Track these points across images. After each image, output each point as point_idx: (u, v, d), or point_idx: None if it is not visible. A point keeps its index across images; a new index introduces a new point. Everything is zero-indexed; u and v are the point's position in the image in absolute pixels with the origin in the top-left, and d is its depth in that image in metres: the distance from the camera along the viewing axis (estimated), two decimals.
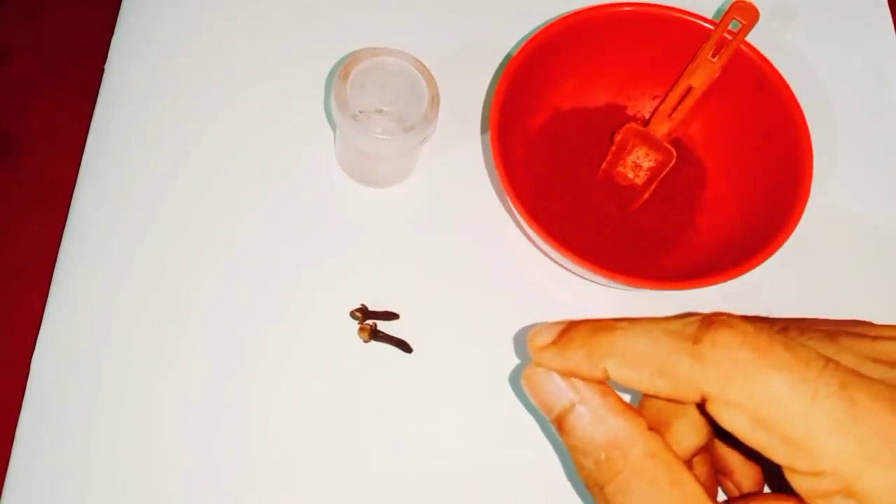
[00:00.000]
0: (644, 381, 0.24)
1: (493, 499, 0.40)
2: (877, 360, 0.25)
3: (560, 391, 0.27)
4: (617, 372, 0.25)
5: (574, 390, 0.27)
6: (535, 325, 0.29)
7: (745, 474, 0.31)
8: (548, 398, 0.27)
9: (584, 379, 0.26)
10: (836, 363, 0.22)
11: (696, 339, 0.23)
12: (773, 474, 0.25)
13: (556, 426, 0.27)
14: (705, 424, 0.28)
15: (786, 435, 0.21)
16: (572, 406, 0.26)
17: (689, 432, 0.28)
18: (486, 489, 0.40)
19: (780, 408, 0.21)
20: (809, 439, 0.21)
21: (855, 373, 0.22)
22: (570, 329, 0.27)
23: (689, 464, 0.28)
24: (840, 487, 0.21)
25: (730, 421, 0.22)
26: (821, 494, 0.21)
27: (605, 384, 0.26)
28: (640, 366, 0.24)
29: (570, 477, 0.41)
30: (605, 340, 0.26)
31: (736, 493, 0.31)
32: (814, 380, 0.21)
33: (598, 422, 0.26)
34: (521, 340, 0.43)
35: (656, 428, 0.26)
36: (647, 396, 0.28)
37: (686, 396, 0.23)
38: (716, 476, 0.31)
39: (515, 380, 0.42)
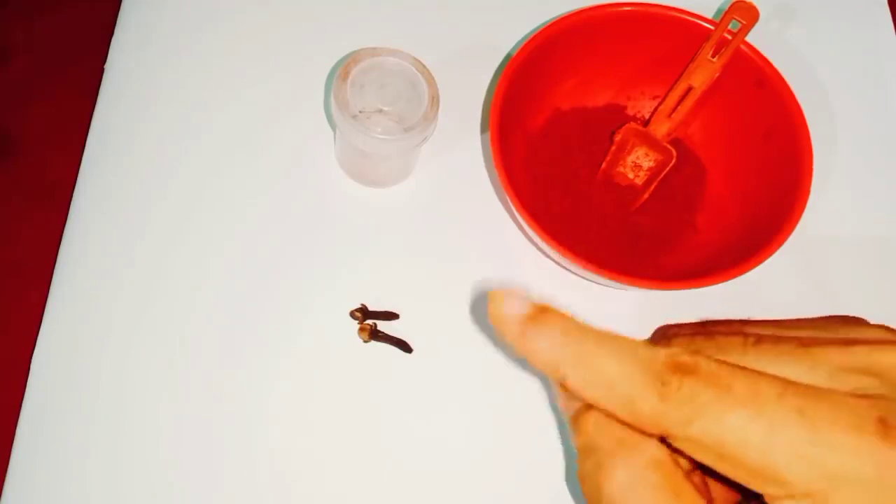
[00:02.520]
0: (603, 402, 0.24)
1: (494, 498, 0.40)
2: (850, 370, 0.25)
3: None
4: (577, 385, 0.24)
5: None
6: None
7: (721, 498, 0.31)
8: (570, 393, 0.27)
9: (539, 370, 0.26)
10: (795, 387, 0.22)
11: (663, 381, 0.23)
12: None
13: (574, 419, 0.27)
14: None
15: (750, 467, 0.22)
16: (587, 406, 0.26)
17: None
18: (487, 489, 0.40)
19: (739, 442, 0.22)
20: (773, 469, 0.21)
21: (815, 393, 0.22)
22: (539, 317, 0.26)
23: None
24: None
25: (698, 456, 0.23)
26: None
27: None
28: (602, 388, 0.24)
29: (569, 478, 0.41)
30: (572, 348, 0.25)
31: None
32: (771, 411, 0.22)
33: (613, 425, 0.25)
34: None
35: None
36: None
37: (645, 429, 0.24)
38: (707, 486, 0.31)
39: (515, 379, 0.42)
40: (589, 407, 0.26)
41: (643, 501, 0.24)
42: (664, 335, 0.32)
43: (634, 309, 0.45)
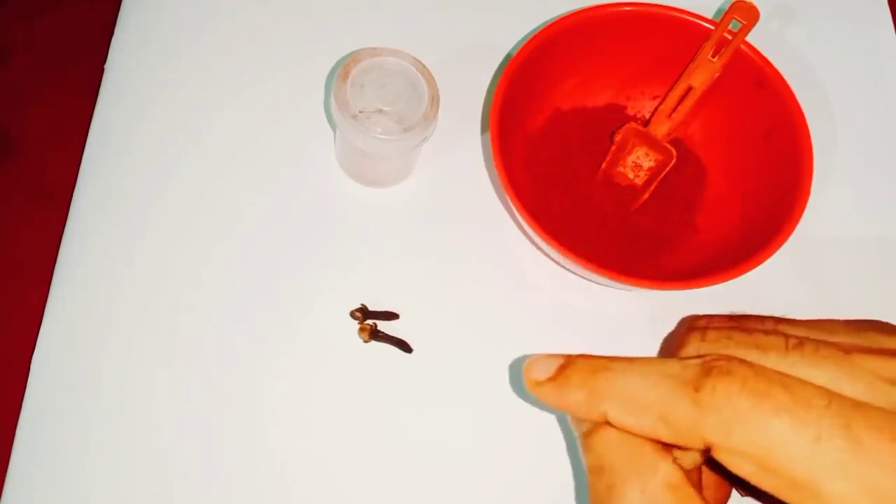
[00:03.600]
0: (645, 427, 0.24)
1: (494, 499, 0.40)
2: (892, 381, 0.25)
3: (588, 412, 0.26)
4: (617, 416, 0.24)
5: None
6: (531, 356, 0.28)
7: (715, 496, 0.31)
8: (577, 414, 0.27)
9: (583, 418, 0.26)
10: (840, 399, 0.22)
11: (696, 387, 0.23)
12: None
13: (583, 438, 0.27)
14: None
15: (792, 479, 0.21)
16: (599, 425, 0.26)
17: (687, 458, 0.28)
18: (487, 489, 0.40)
19: (784, 453, 0.21)
20: (816, 482, 0.21)
21: (859, 407, 0.22)
22: (567, 366, 0.26)
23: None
24: None
25: (737, 467, 0.22)
26: None
27: None
28: (640, 412, 0.24)
29: (573, 476, 0.41)
30: (604, 382, 0.25)
31: None
32: (816, 421, 0.21)
33: (626, 447, 0.25)
34: (521, 341, 0.43)
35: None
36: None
37: (690, 443, 0.23)
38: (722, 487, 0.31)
39: (515, 380, 0.42)
40: (599, 426, 0.26)
41: None
42: (692, 326, 0.31)
43: (634, 309, 0.45)
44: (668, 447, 0.25)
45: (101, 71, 0.48)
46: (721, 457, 0.23)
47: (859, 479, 0.21)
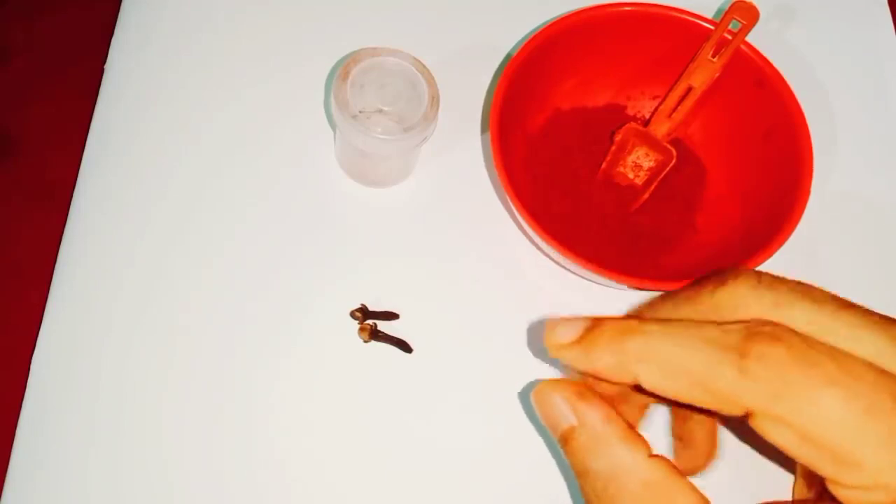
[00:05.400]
0: (681, 391, 0.23)
1: (494, 498, 0.40)
2: None
3: (563, 415, 0.26)
4: (650, 379, 0.24)
5: (576, 414, 0.26)
6: (542, 320, 0.27)
7: (700, 447, 0.31)
8: (552, 418, 0.26)
9: (611, 382, 0.26)
10: (888, 375, 0.21)
11: (742, 353, 0.22)
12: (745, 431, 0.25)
13: (561, 445, 0.26)
14: (646, 406, 0.28)
15: (835, 450, 0.21)
16: (574, 429, 0.26)
17: (634, 413, 0.29)
18: (487, 489, 0.40)
19: (831, 424, 0.21)
20: (860, 454, 0.21)
21: None
22: (594, 328, 0.26)
23: None
24: (890, 500, 0.21)
25: (776, 436, 0.22)
26: None
27: (609, 407, 0.26)
28: (676, 375, 0.23)
29: (569, 477, 0.41)
30: (637, 344, 0.24)
31: (683, 453, 0.31)
32: (867, 394, 0.21)
33: (598, 449, 0.25)
34: (521, 341, 0.43)
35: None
36: (591, 378, 0.27)
37: (727, 410, 0.23)
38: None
39: (516, 379, 0.42)
40: (572, 430, 0.26)
41: None
42: (720, 281, 0.29)
43: (634, 309, 0.45)
44: (640, 437, 0.25)
45: (101, 71, 0.48)
46: (759, 424, 0.22)
47: None
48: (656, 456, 0.25)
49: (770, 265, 0.39)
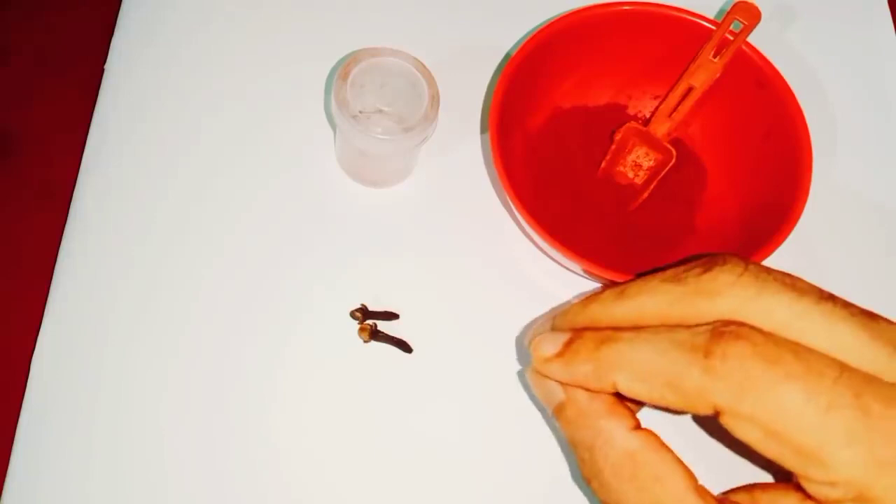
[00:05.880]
0: (654, 393, 0.24)
1: (494, 498, 0.40)
2: None
3: (553, 392, 0.27)
4: (626, 385, 0.24)
5: (564, 389, 0.27)
6: (535, 320, 0.28)
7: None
8: (546, 394, 0.28)
9: (593, 391, 0.26)
10: (851, 370, 0.22)
11: (706, 352, 0.23)
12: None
13: (556, 419, 0.27)
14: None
15: (799, 446, 0.21)
16: (564, 403, 0.27)
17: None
18: (487, 488, 0.40)
19: (793, 420, 0.21)
20: (823, 450, 0.21)
21: (870, 380, 0.21)
22: (574, 340, 0.27)
23: None
24: (854, 495, 0.21)
25: (743, 433, 0.22)
26: (833, 502, 0.21)
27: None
28: (648, 378, 0.24)
29: (571, 475, 0.41)
30: (611, 353, 0.25)
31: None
32: (828, 390, 0.21)
33: (583, 422, 0.26)
34: (521, 341, 0.43)
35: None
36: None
37: (697, 409, 0.23)
38: None
39: (516, 379, 0.42)
40: (562, 405, 0.27)
41: (624, 491, 0.24)
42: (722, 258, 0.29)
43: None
44: (627, 411, 0.26)
45: (101, 71, 0.48)
46: (728, 422, 0.22)
47: (867, 448, 0.21)
48: (642, 429, 0.25)
49: (769, 264, 0.39)
